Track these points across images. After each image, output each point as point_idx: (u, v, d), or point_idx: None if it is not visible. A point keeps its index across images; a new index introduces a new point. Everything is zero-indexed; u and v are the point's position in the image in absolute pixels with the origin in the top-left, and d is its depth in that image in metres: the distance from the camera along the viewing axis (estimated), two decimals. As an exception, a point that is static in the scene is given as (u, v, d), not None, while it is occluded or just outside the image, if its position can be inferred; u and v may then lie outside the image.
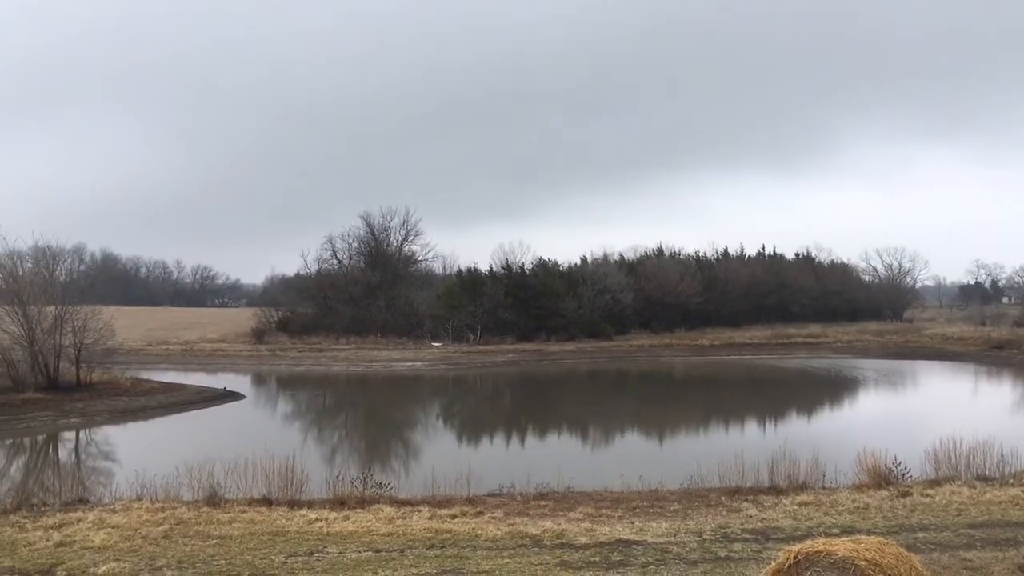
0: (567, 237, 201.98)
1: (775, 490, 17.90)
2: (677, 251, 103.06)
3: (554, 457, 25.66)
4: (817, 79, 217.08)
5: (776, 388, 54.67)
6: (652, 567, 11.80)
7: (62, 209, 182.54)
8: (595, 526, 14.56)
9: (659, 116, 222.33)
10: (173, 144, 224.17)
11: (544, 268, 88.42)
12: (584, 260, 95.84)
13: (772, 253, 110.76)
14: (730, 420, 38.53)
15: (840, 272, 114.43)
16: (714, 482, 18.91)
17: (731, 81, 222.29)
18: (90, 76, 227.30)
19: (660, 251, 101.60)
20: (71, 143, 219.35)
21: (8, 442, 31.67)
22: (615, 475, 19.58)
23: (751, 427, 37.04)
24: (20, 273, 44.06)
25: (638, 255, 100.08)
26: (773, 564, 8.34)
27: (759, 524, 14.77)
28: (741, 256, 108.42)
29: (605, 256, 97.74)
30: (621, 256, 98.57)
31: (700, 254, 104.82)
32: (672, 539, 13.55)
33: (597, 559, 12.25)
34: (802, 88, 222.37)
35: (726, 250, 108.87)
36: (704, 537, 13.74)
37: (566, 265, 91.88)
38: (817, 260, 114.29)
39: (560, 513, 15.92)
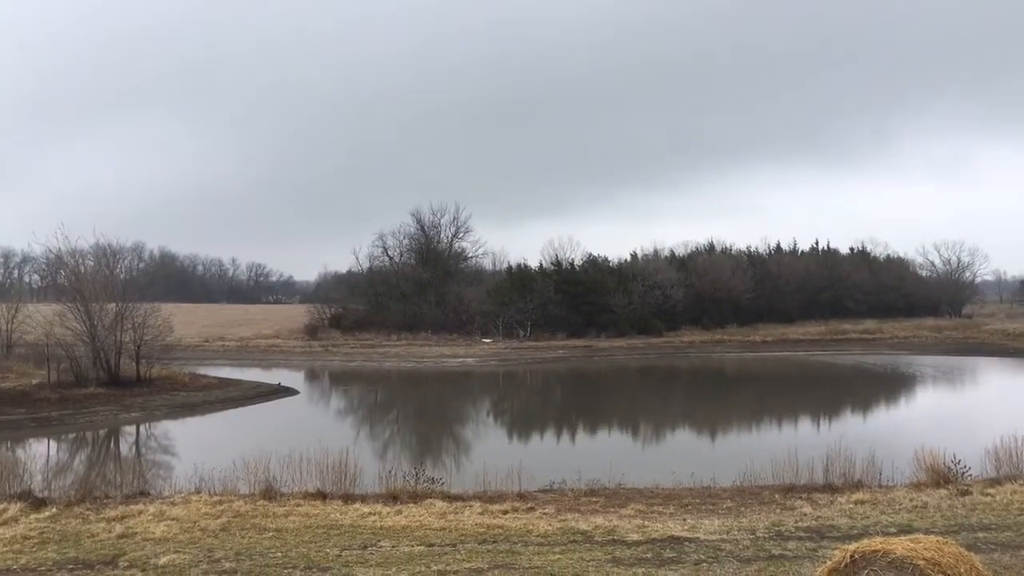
0: (617, 233, 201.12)
1: (830, 488, 17.65)
2: (728, 246, 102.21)
3: (605, 453, 25.63)
4: (871, 70, 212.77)
5: (830, 385, 53.86)
6: (705, 564, 11.74)
7: (122, 209, 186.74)
8: (647, 523, 14.52)
9: (709, 110, 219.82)
10: (228, 144, 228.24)
11: (594, 264, 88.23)
12: (634, 256, 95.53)
13: (826, 248, 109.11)
14: (783, 417, 38.08)
15: (896, 267, 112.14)
16: (767, 479, 18.72)
17: (783, 73, 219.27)
18: (148, 80, 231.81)
19: (711, 247, 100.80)
20: (131, 146, 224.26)
21: (72, 436, 32.54)
22: (666, 472, 19.51)
23: (805, 424, 36.56)
24: (82, 271, 45.24)
25: (689, 251, 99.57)
26: (829, 563, 8.24)
27: (814, 522, 14.59)
28: (794, 251, 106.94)
29: (655, 252, 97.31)
30: (672, 252, 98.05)
31: (752, 249, 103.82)
32: (725, 536, 13.45)
33: (649, 556, 12.22)
34: (855, 80, 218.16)
35: (778, 245, 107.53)
36: (757, 535, 13.62)
37: (616, 261, 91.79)
38: (872, 255, 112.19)
39: (611, 509, 15.90)
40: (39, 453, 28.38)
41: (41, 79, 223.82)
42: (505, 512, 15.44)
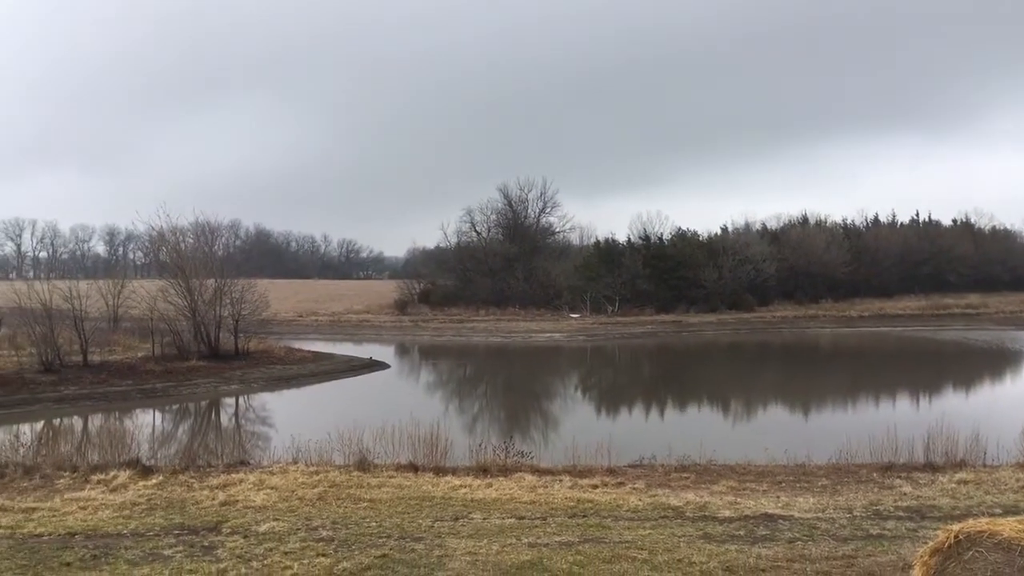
0: (706, 207, 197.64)
1: (931, 467, 17.12)
2: (823, 219, 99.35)
3: (694, 429, 25.39)
4: (973, 35, 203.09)
5: (931, 361, 52.10)
6: (800, 543, 11.52)
7: (220, 188, 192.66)
8: (739, 499, 14.33)
9: (801, 80, 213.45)
10: (321, 124, 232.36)
11: (683, 238, 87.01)
12: (724, 229, 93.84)
13: (927, 220, 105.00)
14: (880, 394, 37.01)
15: (1002, 239, 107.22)
16: (864, 458, 18.23)
17: (878, 41, 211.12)
18: (245, 64, 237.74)
19: (805, 219, 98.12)
20: (229, 128, 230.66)
21: (175, 407, 33.83)
22: (759, 448, 19.19)
23: (904, 401, 35.48)
24: (183, 248, 46.84)
25: (781, 224, 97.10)
26: (931, 543, 7.96)
27: (914, 502, 14.17)
28: (893, 223, 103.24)
29: (747, 225, 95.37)
30: (763, 225, 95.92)
31: (848, 222, 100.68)
32: (820, 515, 13.17)
33: (742, 533, 12.06)
34: (955, 46, 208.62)
35: (876, 217, 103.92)
36: (855, 514, 13.29)
37: (706, 235, 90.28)
38: (977, 227, 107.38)
39: (702, 486, 15.74)
40: (145, 423, 29.60)
41: (143, 66, 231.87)
42: (595, 486, 15.44)
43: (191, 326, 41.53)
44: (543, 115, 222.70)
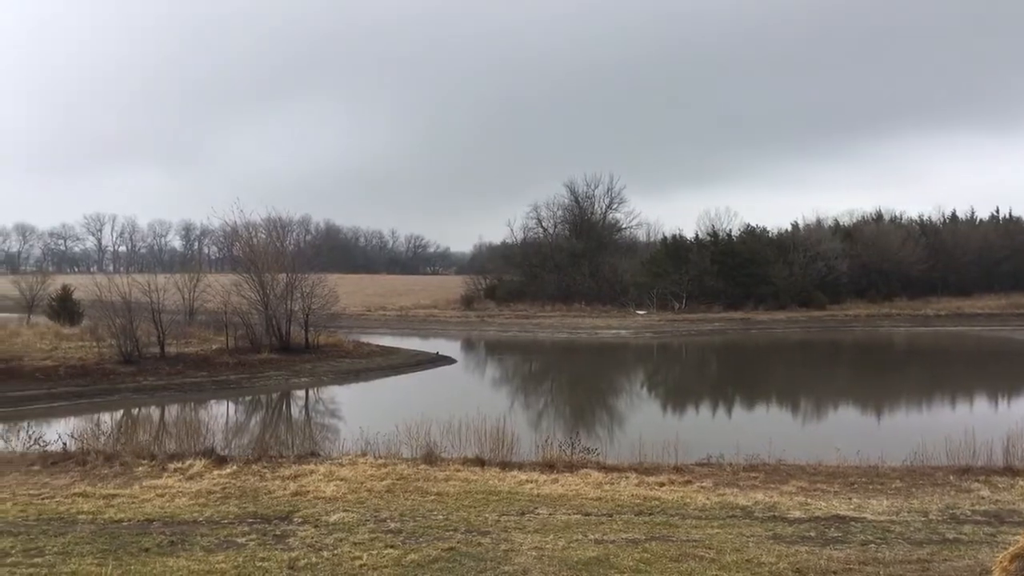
0: (776, 203, 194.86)
1: (1011, 471, 16.56)
2: (898, 215, 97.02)
3: (763, 428, 25.03)
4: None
5: (1012, 361, 50.47)
6: (873, 545, 11.28)
7: (291, 185, 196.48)
8: (809, 500, 14.08)
9: (872, 75, 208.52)
10: (389, 122, 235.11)
11: (752, 234, 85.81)
12: (795, 226, 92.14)
13: (1007, 216, 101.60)
14: (957, 395, 36.02)
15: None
16: (940, 460, 17.75)
17: (953, 35, 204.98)
18: (315, 65, 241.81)
19: (879, 216, 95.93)
20: (301, 127, 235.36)
21: (247, 398, 34.60)
22: (829, 449, 18.81)
23: (982, 403, 34.47)
24: (255, 243, 47.82)
25: (854, 220, 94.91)
26: (1012, 548, 7.73)
27: (992, 506, 13.75)
28: (971, 220, 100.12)
29: (818, 221, 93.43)
30: (836, 221, 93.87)
31: (924, 218, 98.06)
32: (894, 518, 12.87)
33: (812, 534, 11.86)
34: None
35: (954, 213, 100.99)
36: (930, 517, 12.96)
37: (775, 231, 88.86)
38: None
39: (771, 485, 15.50)
40: (219, 413, 30.33)
41: (220, 69, 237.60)
42: (661, 484, 15.33)
43: (263, 319, 42.38)
44: (611, 110, 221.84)
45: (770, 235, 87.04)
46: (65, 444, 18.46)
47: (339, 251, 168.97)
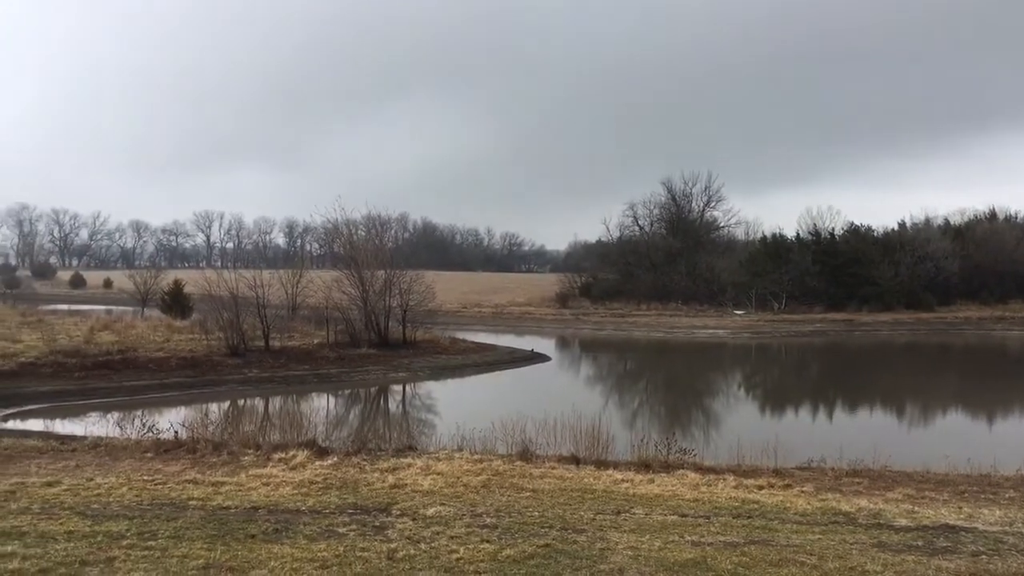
0: (881, 201, 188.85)
1: None
2: (1013, 215, 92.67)
3: (867, 433, 24.31)
4: None
5: None
6: (984, 557, 10.82)
7: (390, 183, 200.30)
8: (916, 508, 13.60)
9: (982, 70, 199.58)
10: (486, 120, 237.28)
11: (856, 233, 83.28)
12: (902, 225, 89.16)
13: None
14: (1078, 403, 34.21)
15: None
16: (1059, 470, 16.94)
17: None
18: (416, 68, 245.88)
19: (992, 214, 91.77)
20: (401, 127, 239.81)
21: (347, 392, 35.36)
22: (938, 455, 18.13)
23: (1105, 412, 32.67)
24: (355, 240, 48.87)
25: (965, 219, 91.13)
26: None
27: (1117, 521, 13.03)
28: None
29: (927, 220, 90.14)
30: (945, 220, 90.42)
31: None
32: (1008, 528, 12.32)
33: (919, 543, 11.45)
34: None
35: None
36: (1047, 529, 12.35)
37: (881, 230, 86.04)
38: None
39: (876, 492, 15.05)
40: (320, 406, 31.10)
41: (327, 72, 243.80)
42: (760, 487, 15.04)
43: (362, 315, 43.22)
44: (708, 107, 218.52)
45: (875, 234, 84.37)
46: (176, 433, 19.26)
47: (436, 248, 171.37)
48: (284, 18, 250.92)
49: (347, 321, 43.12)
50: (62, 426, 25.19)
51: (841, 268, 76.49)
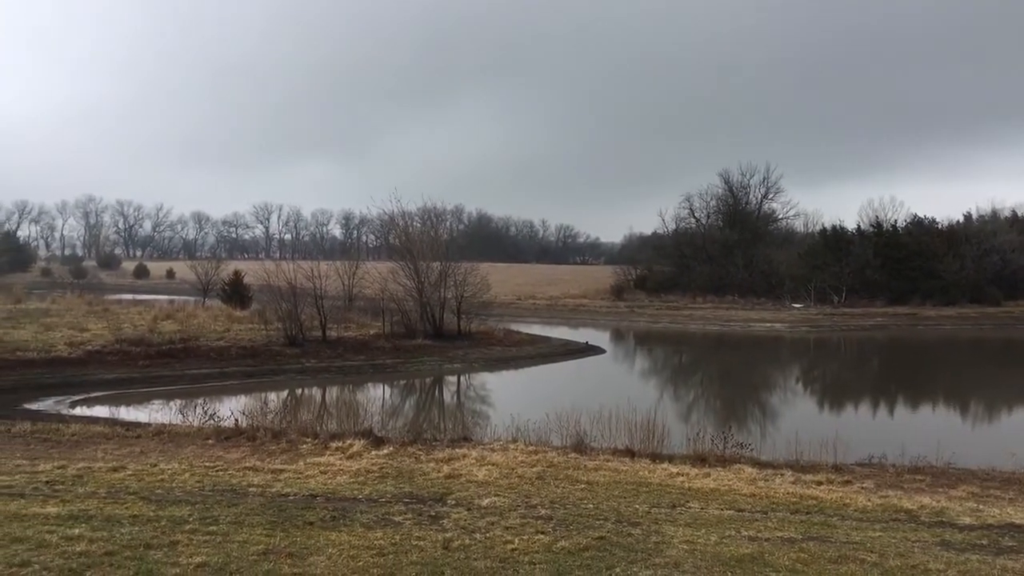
0: (945, 193, 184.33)
1: None
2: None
3: (929, 429, 23.83)
4: None
5: None
6: (1053, 558, 10.53)
7: (446, 175, 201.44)
8: (981, 506, 13.28)
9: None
10: (542, 112, 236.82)
11: (919, 226, 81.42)
12: (967, 217, 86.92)
13: None
14: None
15: None
16: None
17: None
18: (470, 63, 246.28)
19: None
20: (456, 120, 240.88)
21: (402, 382, 35.68)
22: (1003, 453, 17.69)
23: None
24: (411, 232, 49.21)
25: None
26: None
27: None
28: None
29: (993, 212, 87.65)
30: (1013, 212, 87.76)
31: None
32: (1078, 530, 11.96)
33: (984, 542, 11.17)
34: None
35: None
36: (1120, 532, 11.96)
37: (945, 223, 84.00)
38: None
39: (939, 490, 14.74)
40: (376, 396, 31.43)
41: (383, 65, 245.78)
42: (819, 483, 14.83)
43: (418, 306, 43.52)
44: (765, 97, 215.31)
45: (939, 226, 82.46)
46: (237, 420, 19.64)
47: (490, 240, 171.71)
48: (343, 10, 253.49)
49: (402, 312, 43.47)
50: (127, 413, 25.86)
51: (903, 261, 74.83)
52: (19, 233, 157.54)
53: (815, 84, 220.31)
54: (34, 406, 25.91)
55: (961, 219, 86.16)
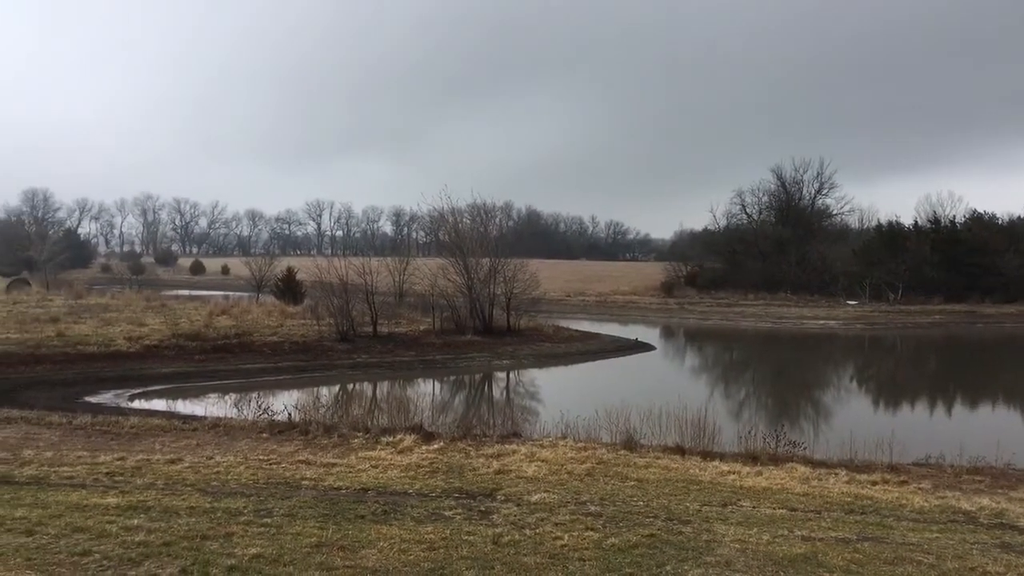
0: (1007, 188, 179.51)
1: None
2: None
3: (989, 429, 23.27)
4: None
5: None
6: (1119, 563, 10.23)
7: (496, 172, 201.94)
8: (1043, 509, 12.96)
9: None
10: (593, 109, 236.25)
11: (979, 221, 79.51)
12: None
13: None
14: None
15: None
16: None
17: None
18: (522, 62, 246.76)
19: None
20: (507, 118, 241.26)
21: (452, 378, 35.83)
22: (1067, 455, 17.23)
23: None
24: (460, 228, 49.38)
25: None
26: None
27: None
28: None
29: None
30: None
31: None
32: None
33: (1046, 546, 10.91)
34: None
35: None
36: None
37: (1006, 218, 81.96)
38: None
39: (999, 491, 14.40)
40: (426, 392, 31.58)
41: (436, 63, 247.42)
42: (874, 483, 14.59)
43: (467, 303, 43.68)
44: (823, 93, 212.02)
45: (999, 222, 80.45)
46: (290, 415, 19.93)
47: (539, 236, 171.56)
48: (395, 9, 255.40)
49: (452, 308, 43.66)
50: (183, 406, 26.37)
51: (962, 257, 73.14)
52: (80, 230, 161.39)
53: (873, 78, 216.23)
54: (94, 399, 26.56)
55: (1022, 215, 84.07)
